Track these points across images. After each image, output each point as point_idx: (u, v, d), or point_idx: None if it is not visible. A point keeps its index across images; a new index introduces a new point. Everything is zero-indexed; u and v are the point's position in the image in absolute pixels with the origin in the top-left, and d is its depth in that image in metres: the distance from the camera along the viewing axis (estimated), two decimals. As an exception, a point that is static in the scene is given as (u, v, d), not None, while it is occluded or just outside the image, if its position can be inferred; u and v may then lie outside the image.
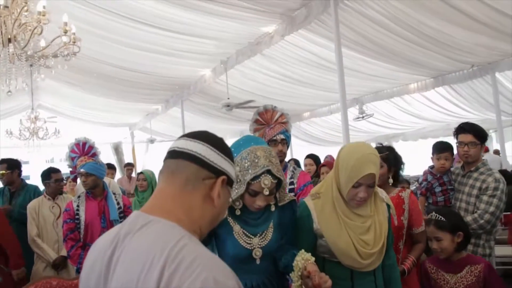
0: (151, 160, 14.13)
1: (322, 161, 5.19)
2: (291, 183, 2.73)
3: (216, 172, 0.93)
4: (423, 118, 10.31)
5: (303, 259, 1.65)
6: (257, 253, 1.72)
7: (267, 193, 1.61)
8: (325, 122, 11.95)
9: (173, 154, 0.94)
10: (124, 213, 3.33)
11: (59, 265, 3.68)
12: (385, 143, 13.62)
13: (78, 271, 3.08)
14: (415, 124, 10.43)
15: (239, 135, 14.78)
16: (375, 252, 1.75)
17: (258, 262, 1.73)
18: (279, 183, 1.68)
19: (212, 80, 8.48)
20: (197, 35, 6.25)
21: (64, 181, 4.27)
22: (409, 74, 7.83)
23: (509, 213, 4.37)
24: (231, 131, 14.47)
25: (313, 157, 5.18)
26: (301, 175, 2.79)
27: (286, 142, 2.79)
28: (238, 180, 1.64)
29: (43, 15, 3.46)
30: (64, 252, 3.56)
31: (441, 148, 3.09)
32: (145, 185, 4.33)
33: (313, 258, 1.66)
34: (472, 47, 6.25)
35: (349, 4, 5.17)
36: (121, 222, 3.46)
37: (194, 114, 11.67)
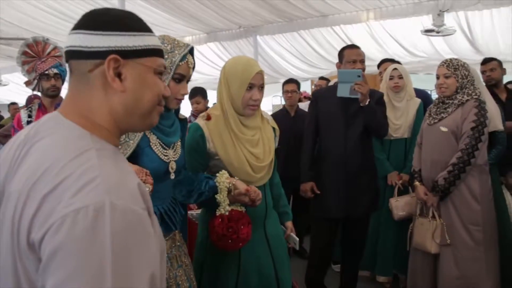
0: None
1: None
2: None
3: (100, 55, 0.75)
4: (195, 71, 11.12)
5: (227, 179, 1.68)
6: (173, 166, 1.53)
7: (191, 73, 1.53)
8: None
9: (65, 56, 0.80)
10: None
11: None
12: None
13: None
14: (187, 75, 11.16)
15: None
16: (265, 166, 1.87)
17: (172, 177, 1.54)
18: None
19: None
20: None
21: None
22: (186, 27, 8.31)
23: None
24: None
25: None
26: None
27: (60, 76, 2.76)
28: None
29: None
30: None
31: (191, 94, 3.93)
32: None
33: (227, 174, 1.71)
34: (242, 10, 7.13)
35: None
36: None
37: None
